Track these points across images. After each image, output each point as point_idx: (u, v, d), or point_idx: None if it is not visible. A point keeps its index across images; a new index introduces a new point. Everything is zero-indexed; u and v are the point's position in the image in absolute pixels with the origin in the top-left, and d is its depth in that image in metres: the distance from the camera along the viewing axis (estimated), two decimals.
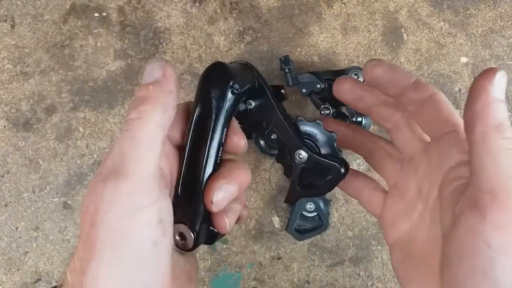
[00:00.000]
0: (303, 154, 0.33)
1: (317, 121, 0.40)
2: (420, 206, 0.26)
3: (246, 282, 0.57)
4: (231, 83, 0.26)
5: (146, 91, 0.23)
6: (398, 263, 0.27)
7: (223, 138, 0.27)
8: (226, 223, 0.27)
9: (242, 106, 0.30)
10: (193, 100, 0.27)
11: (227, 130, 0.27)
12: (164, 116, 0.23)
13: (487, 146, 0.21)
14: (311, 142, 0.40)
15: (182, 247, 0.26)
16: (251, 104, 0.30)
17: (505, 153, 0.21)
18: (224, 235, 0.29)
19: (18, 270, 0.56)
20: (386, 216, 0.28)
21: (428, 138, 0.28)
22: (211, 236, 0.28)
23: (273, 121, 0.32)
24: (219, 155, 0.27)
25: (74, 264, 0.22)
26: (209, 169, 0.26)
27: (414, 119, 0.27)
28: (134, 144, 0.22)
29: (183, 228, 0.26)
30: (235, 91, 0.26)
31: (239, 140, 0.27)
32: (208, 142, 0.26)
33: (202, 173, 0.26)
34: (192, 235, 0.26)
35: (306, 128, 0.40)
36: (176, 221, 0.25)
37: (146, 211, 0.22)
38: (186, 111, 0.28)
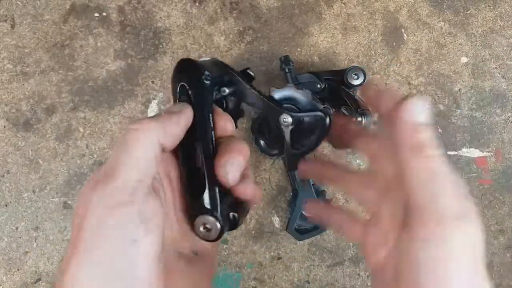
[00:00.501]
0: (286, 117, 0.34)
1: (288, 84, 0.43)
2: (395, 233, 0.26)
3: (246, 282, 0.57)
4: (202, 71, 0.28)
5: (158, 115, 0.25)
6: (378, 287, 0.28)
7: (211, 124, 0.28)
8: (249, 187, 0.28)
9: (218, 95, 0.31)
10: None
11: (212, 117, 0.28)
12: (163, 136, 0.24)
13: (410, 167, 0.23)
14: (290, 105, 0.42)
15: (209, 238, 0.27)
16: (225, 91, 0.31)
17: (427, 172, 0.23)
18: (247, 212, 0.30)
19: (18, 270, 0.56)
20: (366, 244, 0.29)
21: None
22: (234, 221, 0.28)
23: (249, 100, 0.33)
24: (213, 140, 0.27)
25: (61, 266, 0.22)
26: (208, 156, 0.27)
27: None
28: (126, 150, 0.23)
29: (204, 219, 0.26)
30: (208, 77, 0.28)
31: (225, 123, 0.28)
32: (198, 132, 0.27)
33: (203, 163, 0.27)
34: (215, 221, 0.26)
35: (283, 93, 0.43)
36: (195, 216, 0.26)
37: (125, 209, 0.22)
38: None
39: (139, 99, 0.58)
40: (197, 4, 0.59)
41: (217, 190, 0.26)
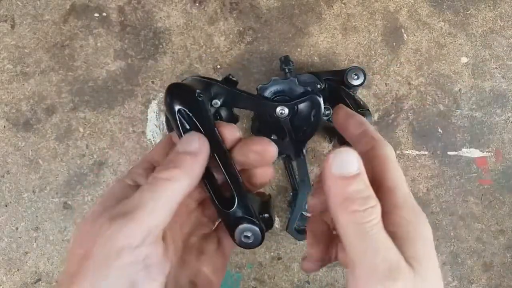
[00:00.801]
0: (282, 108, 0.34)
1: (272, 78, 0.46)
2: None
3: (246, 282, 0.56)
4: (194, 91, 0.28)
5: (183, 159, 0.25)
6: None
7: (220, 138, 0.28)
8: (270, 170, 0.29)
9: (212, 109, 0.31)
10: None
11: (218, 131, 0.28)
12: (189, 186, 0.25)
13: (339, 222, 0.23)
14: (282, 97, 0.45)
15: (251, 245, 0.28)
16: (217, 103, 0.31)
17: (355, 228, 0.22)
18: (274, 208, 0.31)
19: (18, 270, 0.56)
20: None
21: None
22: (269, 221, 0.29)
23: (241, 104, 0.33)
24: (226, 151, 0.28)
25: None
26: (228, 167, 0.27)
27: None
28: (154, 198, 0.24)
29: (242, 228, 0.27)
30: (200, 94, 0.28)
31: (231, 132, 0.28)
32: (212, 149, 0.27)
33: (225, 175, 0.27)
34: (253, 227, 0.27)
35: (271, 89, 0.46)
36: (233, 228, 0.27)
37: (134, 252, 0.23)
38: (171, 142, 0.29)
39: (139, 99, 0.58)
40: (197, 4, 0.59)
41: (246, 197, 0.27)
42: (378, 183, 0.25)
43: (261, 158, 0.27)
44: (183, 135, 0.27)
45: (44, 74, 0.57)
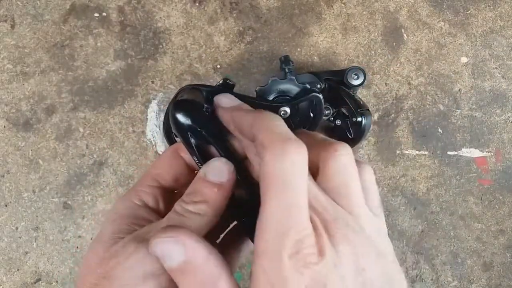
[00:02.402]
0: (284, 108, 0.34)
1: (270, 78, 0.47)
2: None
3: (246, 282, 0.56)
4: (201, 105, 0.27)
5: (210, 191, 0.24)
6: None
7: (232, 150, 0.27)
8: None
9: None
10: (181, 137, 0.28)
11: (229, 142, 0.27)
12: (216, 219, 0.24)
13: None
14: (284, 96, 0.45)
15: None
16: None
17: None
18: None
19: (18, 270, 0.56)
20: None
21: None
22: None
23: None
24: (241, 162, 0.27)
25: None
26: (247, 176, 0.26)
27: None
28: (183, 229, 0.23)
29: None
30: (208, 109, 0.27)
31: (241, 143, 0.27)
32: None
33: (245, 185, 0.26)
34: None
35: (272, 91, 0.47)
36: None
37: (157, 278, 0.22)
38: (176, 155, 0.28)
39: (139, 99, 0.58)
40: (197, 4, 0.59)
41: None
42: (260, 211, 0.21)
43: None
44: (197, 155, 0.26)
45: (44, 74, 0.57)
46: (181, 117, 0.26)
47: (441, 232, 0.58)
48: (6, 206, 0.56)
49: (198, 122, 0.26)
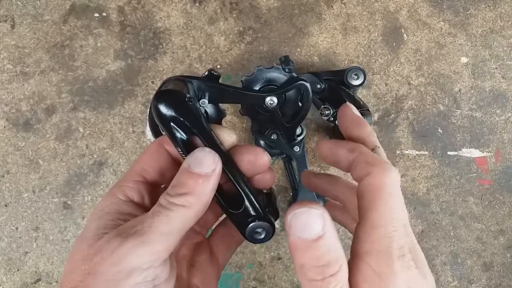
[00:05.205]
0: (270, 98, 0.34)
1: (256, 68, 0.45)
2: None
3: (246, 282, 0.56)
4: (184, 95, 0.27)
5: (195, 182, 0.24)
6: None
7: (218, 140, 0.27)
8: (269, 176, 0.28)
9: (201, 110, 0.31)
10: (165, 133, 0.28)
11: (215, 133, 0.27)
12: (203, 210, 0.24)
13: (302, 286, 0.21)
14: (271, 86, 0.44)
15: (262, 240, 0.28)
16: (205, 103, 0.30)
17: None
18: (276, 199, 0.32)
19: (18, 270, 0.56)
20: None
21: None
22: (275, 213, 0.30)
23: (227, 97, 0.32)
24: (227, 154, 0.27)
25: None
26: (232, 168, 0.27)
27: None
28: (169, 223, 0.23)
29: (253, 226, 0.27)
30: (191, 98, 0.27)
31: (228, 136, 0.28)
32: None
33: (230, 176, 0.26)
34: (263, 223, 0.27)
35: (258, 79, 0.46)
36: (245, 228, 0.27)
37: (145, 272, 0.22)
38: (161, 148, 0.28)
39: (139, 99, 0.58)
40: (197, 4, 0.59)
41: (253, 196, 0.27)
42: (362, 217, 0.23)
43: (253, 167, 0.27)
44: (181, 146, 0.26)
45: (44, 74, 0.57)
46: (163, 108, 0.26)
47: (441, 232, 0.58)
48: (6, 206, 0.56)
49: (181, 113, 0.26)
